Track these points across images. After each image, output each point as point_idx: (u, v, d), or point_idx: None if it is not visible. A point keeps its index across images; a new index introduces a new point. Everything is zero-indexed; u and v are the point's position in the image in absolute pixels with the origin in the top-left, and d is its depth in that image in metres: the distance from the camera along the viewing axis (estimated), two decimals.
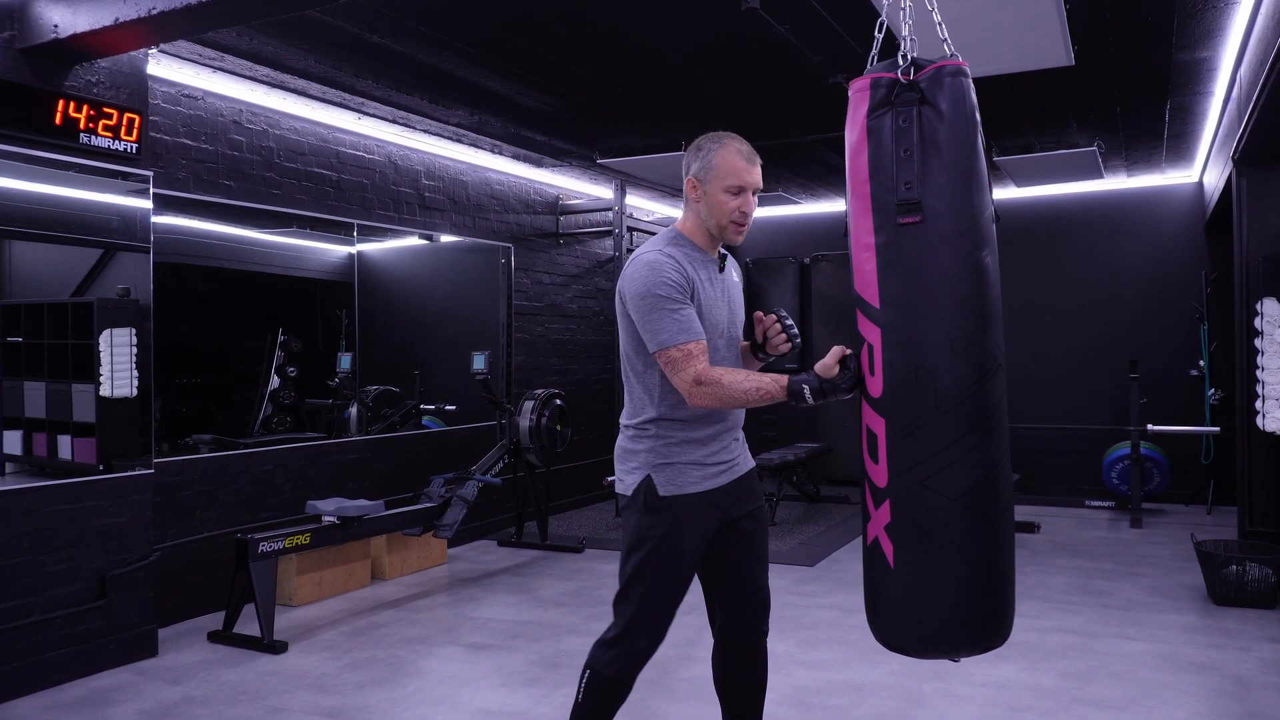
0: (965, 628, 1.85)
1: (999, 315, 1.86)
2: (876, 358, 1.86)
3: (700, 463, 2.31)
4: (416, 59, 4.42)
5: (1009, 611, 1.88)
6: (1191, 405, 7.42)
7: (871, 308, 1.87)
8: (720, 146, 2.31)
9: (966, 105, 1.82)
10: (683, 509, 2.28)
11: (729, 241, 2.34)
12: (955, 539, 1.81)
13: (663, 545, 2.27)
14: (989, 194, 1.85)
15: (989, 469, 1.81)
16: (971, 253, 1.81)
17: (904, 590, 1.87)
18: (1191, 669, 3.74)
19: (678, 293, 2.20)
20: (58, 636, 3.72)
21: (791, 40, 4.22)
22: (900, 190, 1.82)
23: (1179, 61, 4.61)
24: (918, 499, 1.82)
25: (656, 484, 2.28)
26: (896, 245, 1.84)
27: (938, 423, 1.80)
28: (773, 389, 2.11)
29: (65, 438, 3.97)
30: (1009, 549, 1.87)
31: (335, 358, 5.75)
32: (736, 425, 2.42)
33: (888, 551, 1.87)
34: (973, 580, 1.83)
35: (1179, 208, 7.57)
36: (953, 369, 1.80)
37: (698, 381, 2.16)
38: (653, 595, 2.28)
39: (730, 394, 2.15)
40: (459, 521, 5.18)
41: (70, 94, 3.72)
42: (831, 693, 3.52)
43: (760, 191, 2.35)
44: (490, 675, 3.78)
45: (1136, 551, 5.87)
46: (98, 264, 4.04)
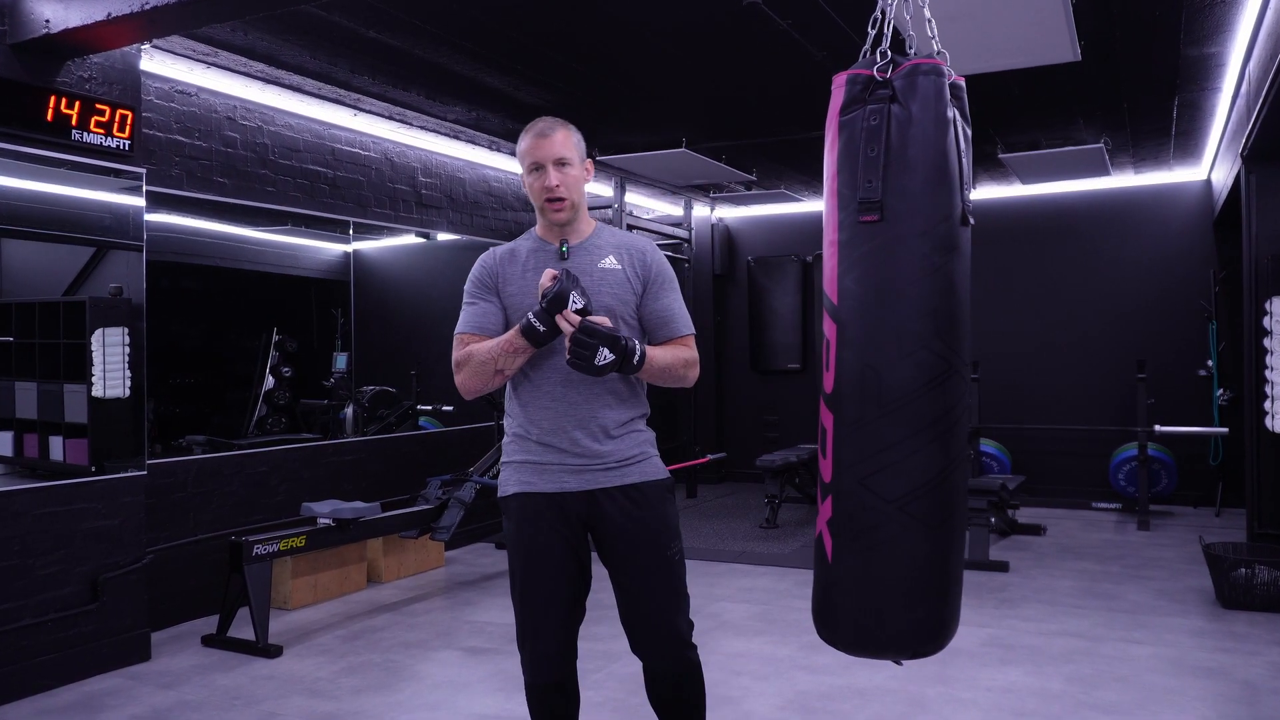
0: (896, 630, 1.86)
1: (961, 320, 1.85)
2: (831, 354, 1.89)
3: (531, 462, 2.27)
4: (413, 54, 4.42)
5: (947, 620, 1.88)
6: (1199, 406, 7.42)
7: (831, 304, 1.90)
8: (521, 136, 2.29)
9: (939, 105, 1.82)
10: (518, 509, 2.27)
11: (554, 221, 2.28)
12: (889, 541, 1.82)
13: (513, 547, 2.29)
14: (959, 197, 1.84)
15: (934, 475, 1.81)
16: (930, 255, 1.81)
17: (839, 586, 1.89)
18: (1199, 673, 3.74)
19: (474, 287, 2.31)
20: (49, 640, 3.72)
21: (794, 35, 4.22)
22: (862, 188, 1.83)
23: (1187, 57, 4.62)
24: (855, 497, 1.84)
25: (500, 483, 2.34)
26: (855, 243, 1.85)
27: (880, 423, 1.82)
28: (512, 336, 2.16)
29: (57, 439, 3.97)
30: (952, 556, 1.87)
31: (331, 358, 5.75)
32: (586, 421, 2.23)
33: (828, 546, 1.90)
34: (906, 584, 1.83)
35: (1187, 205, 7.57)
36: (899, 370, 1.81)
37: (456, 364, 2.23)
38: (520, 600, 2.28)
39: (481, 360, 2.20)
40: (456, 524, 5.18)
41: (62, 90, 3.72)
42: (834, 697, 3.52)
43: (564, 161, 2.23)
44: (488, 680, 3.78)
45: (1144, 554, 5.87)
46: (90, 262, 4.04)
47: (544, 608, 2.25)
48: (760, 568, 5.60)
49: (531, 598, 2.25)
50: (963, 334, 1.86)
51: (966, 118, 1.89)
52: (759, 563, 5.71)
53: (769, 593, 5.03)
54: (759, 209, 9.04)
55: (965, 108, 1.89)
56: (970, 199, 1.88)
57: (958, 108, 1.86)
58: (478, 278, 2.32)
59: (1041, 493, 7.77)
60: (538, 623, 2.25)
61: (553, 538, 2.24)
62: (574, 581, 2.28)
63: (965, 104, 1.89)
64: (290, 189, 5.21)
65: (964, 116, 1.88)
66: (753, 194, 8.25)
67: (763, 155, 6.83)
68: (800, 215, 8.97)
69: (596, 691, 3.59)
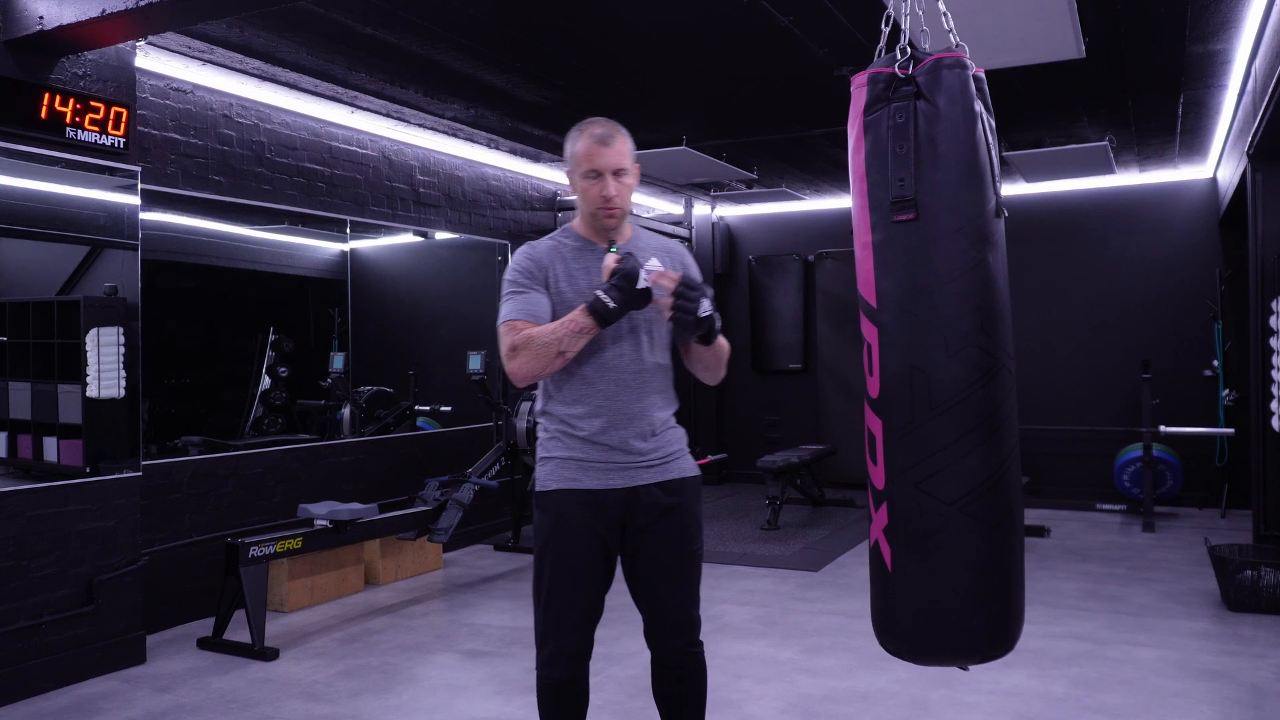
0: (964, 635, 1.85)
1: (1003, 314, 1.85)
2: (874, 358, 1.87)
3: (578, 458, 2.29)
4: (411, 51, 4.42)
5: (1013, 620, 1.87)
6: (1205, 406, 7.42)
7: (870, 307, 1.88)
8: (578, 134, 2.32)
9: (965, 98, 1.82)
10: (560, 505, 2.29)
11: (604, 226, 2.33)
12: (952, 544, 1.81)
13: (547, 543, 2.31)
14: (992, 190, 1.83)
15: (989, 473, 1.81)
16: (968, 251, 1.80)
17: (902, 595, 1.87)
18: (1205, 676, 3.74)
19: (523, 277, 2.30)
20: (43, 643, 3.71)
21: (795, 32, 4.22)
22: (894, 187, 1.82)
23: (1192, 54, 4.61)
24: (914, 502, 1.83)
25: (538, 478, 2.35)
26: (891, 243, 1.84)
27: (932, 425, 1.80)
28: (577, 316, 2.18)
29: (51, 439, 3.97)
30: (1013, 556, 1.86)
31: (328, 358, 5.75)
32: (634, 418, 2.29)
33: (886, 555, 1.88)
34: (972, 587, 1.82)
35: (1192, 204, 7.57)
36: (949, 370, 1.80)
37: (512, 348, 2.23)
38: (548, 594, 2.30)
39: (543, 342, 2.19)
40: (454, 525, 5.18)
41: (56, 87, 3.72)
42: (836, 701, 3.52)
43: (622, 172, 2.30)
44: (486, 683, 3.78)
45: (1149, 556, 5.87)
46: (84, 261, 4.03)
47: (570, 605, 2.29)
48: (761, 570, 5.60)
49: (559, 595, 2.29)
50: (1006, 328, 1.85)
51: (990, 110, 1.88)
52: (760, 565, 5.71)
53: (770, 595, 5.03)
54: (760, 207, 9.04)
55: (988, 100, 1.88)
56: (1001, 191, 1.88)
57: (982, 100, 1.86)
58: (524, 268, 2.32)
59: (1045, 494, 7.77)
60: (561, 619, 2.29)
61: (587, 537, 2.29)
62: (601, 581, 2.33)
63: (988, 96, 1.89)
64: (287, 187, 5.21)
65: (988, 109, 1.88)
66: (754, 192, 8.25)
67: (764, 153, 6.83)
68: (802, 214, 8.97)
69: (597, 694, 3.58)
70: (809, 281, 8.93)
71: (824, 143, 6.47)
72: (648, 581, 2.36)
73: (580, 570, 2.29)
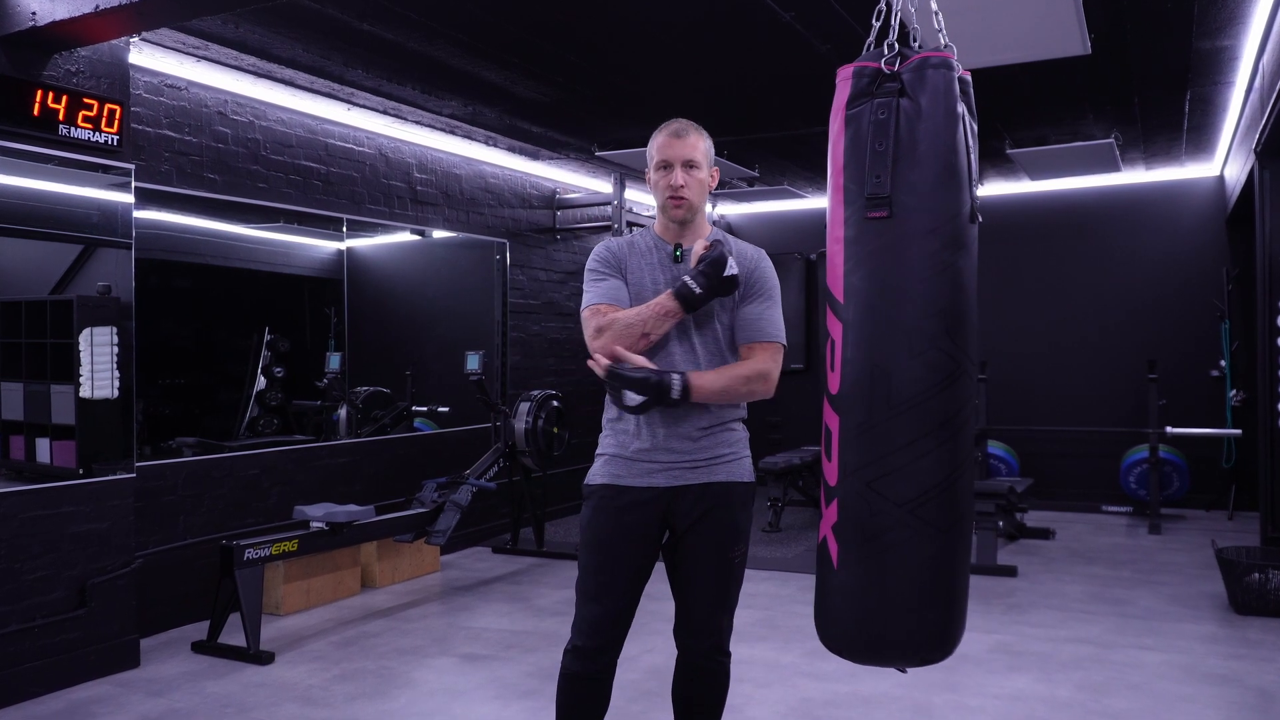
0: (904, 638, 1.86)
1: (969, 319, 1.85)
2: (836, 354, 1.89)
3: (625, 455, 2.34)
4: (408, 47, 4.42)
5: (954, 625, 1.89)
6: (1212, 407, 7.42)
7: (836, 302, 1.90)
8: (656, 133, 2.42)
9: (948, 99, 1.82)
10: (600, 500, 2.34)
11: (672, 218, 2.40)
12: (898, 546, 1.82)
13: (586, 535, 2.37)
14: (968, 193, 1.84)
15: (943, 477, 1.81)
16: (939, 252, 1.81)
17: (844, 593, 1.89)
18: (1212, 680, 3.74)
19: (602, 266, 2.40)
20: (36, 647, 3.71)
21: (797, 28, 4.22)
22: (870, 184, 1.83)
23: (1199, 50, 4.61)
24: (863, 501, 1.84)
25: (589, 472, 2.42)
26: (862, 240, 1.85)
27: (890, 424, 1.81)
28: (664, 300, 2.26)
29: (44, 440, 3.96)
30: (959, 561, 1.87)
31: (324, 358, 5.75)
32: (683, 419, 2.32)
33: (833, 551, 1.89)
34: (914, 590, 1.84)
35: (1199, 202, 7.57)
36: (909, 370, 1.80)
37: (598, 330, 2.29)
38: (583, 588, 2.35)
39: (628, 322, 2.26)
40: (452, 528, 5.18)
41: (49, 84, 3.72)
42: (839, 705, 3.52)
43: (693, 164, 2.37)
44: (484, 687, 3.78)
45: (1155, 559, 5.87)
46: (77, 260, 4.03)
47: (594, 601, 2.33)
48: (763, 572, 5.60)
49: (587, 589, 2.34)
50: (971, 333, 1.86)
51: (973, 113, 1.89)
52: (762, 567, 5.71)
53: (772, 598, 5.03)
54: (761, 206, 9.04)
55: (972, 103, 1.89)
56: (978, 195, 1.89)
57: (965, 102, 1.86)
58: (604, 258, 2.41)
59: (1050, 496, 7.77)
60: (586, 614, 2.34)
61: (622, 535, 2.33)
62: (637, 580, 2.36)
63: (972, 99, 1.89)
64: (282, 185, 5.21)
65: (971, 112, 1.88)
66: (755, 190, 8.25)
67: (765, 151, 6.82)
68: (803, 212, 8.97)
69: None
70: (811, 280, 8.93)
71: (826, 140, 6.46)
72: (682, 581, 2.41)
73: (606, 569, 2.33)
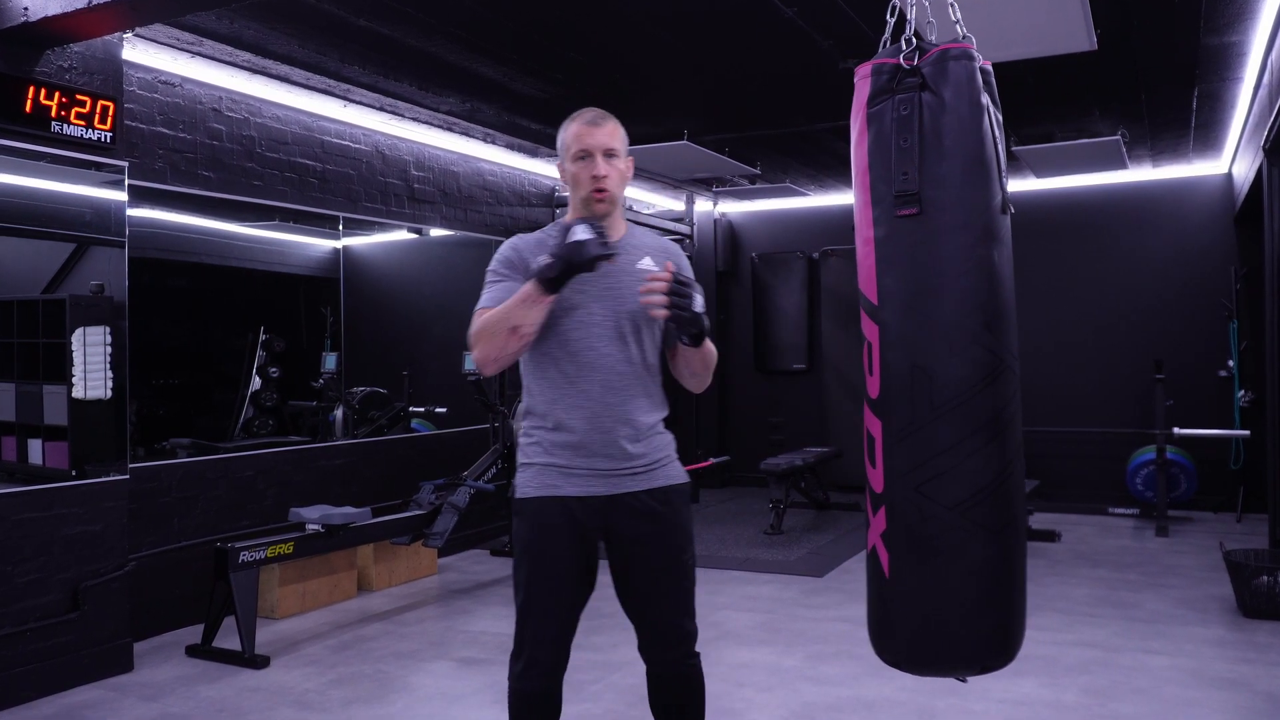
0: (964, 646, 1.84)
1: (1008, 313, 1.84)
2: (874, 356, 1.86)
3: (559, 465, 2.26)
4: (405, 43, 4.42)
5: (1015, 630, 1.86)
6: (1220, 407, 7.42)
7: (870, 304, 1.87)
8: (568, 122, 2.32)
9: (971, 90, 1.81)
10: (539, 514, 2.26)
11: (595, 213, 2.28)
12: (953, 551, 1.80)
13: (526, 551, 2.29)
14: (998, 185, 1.82)
15: (992, 477, 1.79)
16: (973, 246, 1.80)
17: (899, 602, 1.86)
18: (1220, 685, 3.74)
19: (502, 267, 2.30)
20: (28, 651, 3.71)
21: (799, 23, 4.22)
22: (898, 181, 1.82)
23: (1207, 46, 4.61)
24: (913, 506, 1.81)
25: (517, 485, 2.33)
26: (894, 239, 1.83)
27: (934, 426, 1.79)
28: (527, 286, 2.15)
29: (36, 441, 3.97)
30: (1015, 563, 1.84)
31: (320, 358, 5.75)
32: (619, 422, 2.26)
33: (884, 560, 1.86)
34: (972, 595, 1.81)
35: (1207, 200, 7.56)
36: (951, 369, 1.78)
37: (475, 333, 2.21)
38: (527, 604, 2.28)
39: (493, 319, 2.17)
40: (450, 530, 5.18)
41: (41, 80, 3.72)
42: (841, 709, 3.52)
43: (613, 153, 2.28)
44: (482, 691, 3.78)
45: (1162, 561, 5.87)
46: (70, 259, 4.04)
47: (546, 618, 2.27)
48: (764, 575, 5.60)
49: (535, 607, 2.28)
50: (1010, 327, 1.84)
51: (997, 103, 1.88)
52: (763, 570, 5.71)
53: (774, 601, 5.03)
54: (763, 203, 9.04)
55: (995, 93, 1.88)
56: (1008, 186, 1.87)
57: (989, 93, 1.85)
58: (506, 258, 2.32)
59: (1056, 498, 7.76)
60: (537, 633, 2.28)
61: (567, 546, 2.26)
62: (580, 592, 2.31)
63: (995, 89, 1.88)
64: (278, 183, 5.21)
65: (995, 102, 1.87)
66: (757, 188, 8.25)
67: (767, 148, 6.82)
68: (806, 210, 8.97)
69: (595, 703, 3.58)
70: (813, 279, 8.93)
71: (829, 137, 6.47)
72: (637, 594, 2.34)
73: (558, 582, 2.27)
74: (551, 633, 2.27)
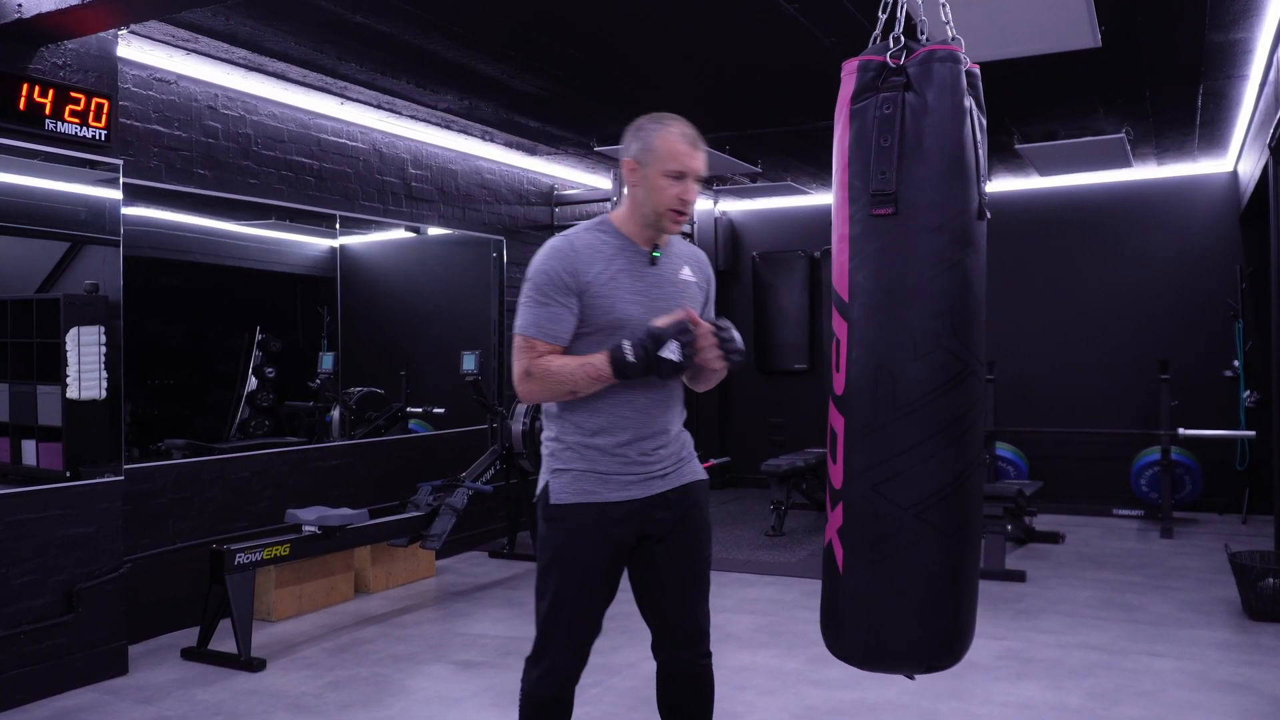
0: (911, 644, 1.87)
1: (977, 318, 1.85)
2: (842, 354, 1.89)
3: (598, 471, 2.26)
4: (403, 40, 4.42)
5: (963, 631, 1.89)
6: (1225, 408, 7.42)
7: (841, 302, 1.90)
8: (662, 128, 2.25)
9: (955, 93, 1.82)
10: (577, 519, 2.26)
11: (666, 230, 2.29)
12: (905, 550, 1.83)
13: (559, 557, 2.28)
14: (976, 190, 1.84)
15: (949, 480, 1.82)
16: (945, 250, 1.81)
17: (851, 598, 1.90)
18: (1225, 688, 3.74)
19: (549, 285, 2.22)
20: (22, 654, 3.71)
21: (801, 20, 4.22)
22: (875, 180, 1.83)
23: (1212, 43, 4.61)
24: (869, 504, 1.85)
25: (551, 491, 2.30)
26: (867, 237, 1.85)
27: (895, 426, 1.82)
28: (598, 364, 2.16)
29: (29, 442, 3.97)
30: (967, 566, 1.87)
31: (316, 358, 5.75)
32: (658, 432, 2.30)
33: (838, 556, 1.90)
34: (922, 595, 1.84)
35: (1212, 198, 7.57)
36: (915, 371, 1.81)
37: (526, 373, 2.21)
38: (557, 610, 2.28)
39: (558, 378, 2.18)
40: (448, 532, 5.18)
41: (35, 77, 3.72)
42: (843, 713, 3.52)
43: (701, 180, 2.30)
44: (480, 695, 3.78)
45: (1167, 563, 5.87)
46: (64, 258, 4.03)
47: (574, 624, 2.29)
48: (766, 577, 5.60)
49: (563, 612, 2.28)
50: (979, 333, 1.86)
51: (982, 107, 1.89)
52: (764, 572, 5.72)
53: (775, 603, 5.03)
54: (764, 202, 9.04)
55: (981, 97, 1.89)
56: (986, 192, 1.88)
57: (973, 96, 1.86)
58: (553, 274, 2.21)
59: (1060, 499, 7.77)
60: (564, 639, 2.29)
61: (601, 554, 2.28)
62: (607, 599, 2.34)
63: (980, 93, 1.89)
64: (274, 181, 5.21)
65: (979, 106, 1.88)
66: (758, 186, 8.25)
67: (768, 146, 6.83)
68: (807, 209, 8.97)
69: (594, 706, 3.58)
70: (815, 279, 8.93)
71: (830, 135, 6.44)
72: (661, 592, 2.36)
73: (590, 589, 2.29)
74: (578, 640, 2.30)
